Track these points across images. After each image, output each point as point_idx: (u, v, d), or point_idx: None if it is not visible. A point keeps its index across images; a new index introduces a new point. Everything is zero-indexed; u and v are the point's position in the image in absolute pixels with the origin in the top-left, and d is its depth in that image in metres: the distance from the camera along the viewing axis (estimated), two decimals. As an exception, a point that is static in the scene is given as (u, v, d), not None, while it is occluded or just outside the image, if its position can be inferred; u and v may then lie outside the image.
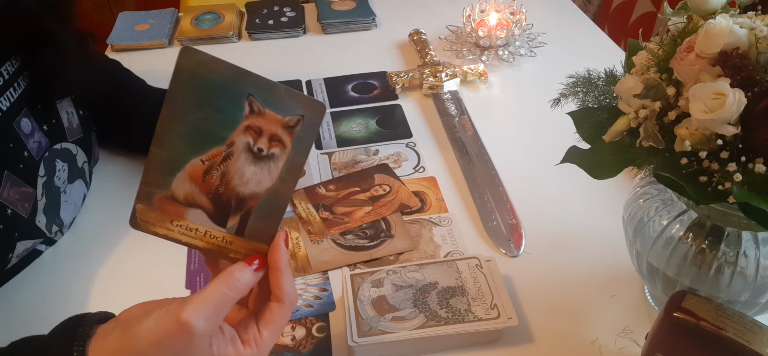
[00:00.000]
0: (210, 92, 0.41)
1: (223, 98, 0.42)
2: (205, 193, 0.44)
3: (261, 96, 0.42)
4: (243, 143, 0.43)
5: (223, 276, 0.42)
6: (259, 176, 0.44)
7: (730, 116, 0.41)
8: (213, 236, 0.45)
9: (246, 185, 0.44)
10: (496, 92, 1.01)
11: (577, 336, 0.60)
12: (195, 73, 0.41)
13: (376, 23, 1.23)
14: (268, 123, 0.43)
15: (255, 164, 0.43)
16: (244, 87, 0.42)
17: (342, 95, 1.01)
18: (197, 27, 1.19)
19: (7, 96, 0.63)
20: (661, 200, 0.56)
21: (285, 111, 0.42)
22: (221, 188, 0.44)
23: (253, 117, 0.42)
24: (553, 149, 0.57)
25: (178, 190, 0.43)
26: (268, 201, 0.44)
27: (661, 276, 0.56)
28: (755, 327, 0.46)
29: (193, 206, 0.44)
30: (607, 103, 0.53)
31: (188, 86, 0.41)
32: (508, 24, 1.09)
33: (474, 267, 0.63)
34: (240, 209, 0.44)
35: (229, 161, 0.43)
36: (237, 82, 0.41)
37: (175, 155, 0.43)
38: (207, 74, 0.41)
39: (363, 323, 0.57)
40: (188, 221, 0.44)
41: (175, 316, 0.39)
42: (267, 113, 0.42)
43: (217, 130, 0.42)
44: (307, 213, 0.75)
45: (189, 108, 0.42)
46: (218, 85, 0.41)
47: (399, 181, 0.80)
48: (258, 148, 0.43)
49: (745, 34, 0.43)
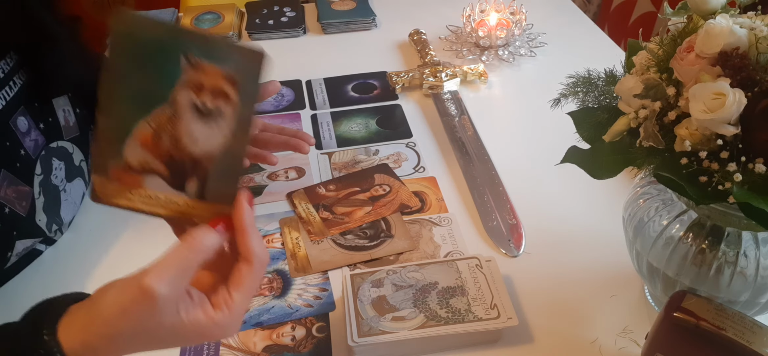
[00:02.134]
0: (147, 51, 0.41)
1: (160, 55, 0.41)
2: (159, 157, 0.43)
3: (199, 50, 0.41)
4: (187, 101, 0.42)
5: (185, 239, 0.41)
6: (208, 134, 0.42)
7: (730, 116, 0.41)
8: (174, 202, 0.44)
9: (196, 144, 0.43)
10: (496, 92, 1.01)
11: (577, 336, 0.60)
12: (130, 35, 0.41)
13: (376, 23, 1.23)
14: (208, 77, 0.42)
15: (203, 122, 0.42)
16: (181, 43, 0.41)
17: (342, 95, 1.01)
18: (197, 27, 1.19)
19: (3, 94, 0.63)
20: (661, 200, 0.56)
21: (225, 63, 0.41)
22: (173, 150, 0.43)
23: (191, 71, 0.41)
24: (553, 149, 0.57)
25: (131, 157, 0.43)
26: (223, 161, 0.43)
27: (661, 276, 0.56)
28: (755, 327, 0.46)
29: (149, 172, 0.43)
30: (607, 103, 0.53)
31: (125, 49, 0.41)
32: (508, 24, 1.09)
33: (474, 267, 0.63)
34: (196, 171, 0.43)
35: (177, 122, 0.42)
36: (173, 38, 0.41)
37: (121, 121, 0.42)
38: (142, 34, 0.41)
39: (363, 323, 0.57)
40: (147, 189, 0.43)
41: (136, 283, 0.39)
42: (206, 67, 0.41)
43: (158, 89, 0.42)
44: (307, 213, 0.75)
45: (128, 71, 0.41)
46: (154, 44, 0.41)
47: (399, 181, 0.80)
48: (202, 102, 0.42)
49: (745, 34, 0.43)
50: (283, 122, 0.93)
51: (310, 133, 0.90)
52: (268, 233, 0.73)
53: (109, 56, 0.41)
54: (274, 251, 0.70)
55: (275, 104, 0.98)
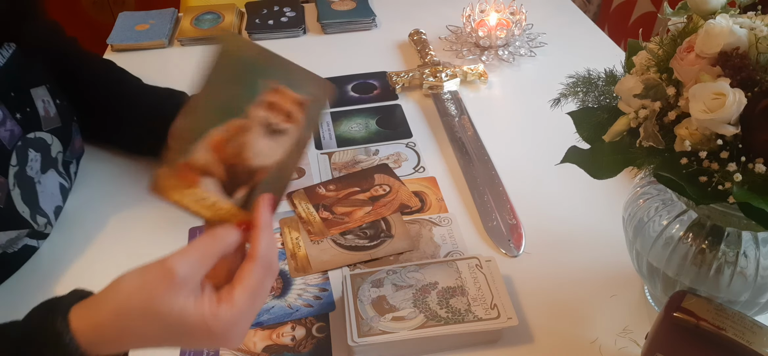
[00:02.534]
0: (240, 69, 0.47)
1: (249, 74, 0.47)
2: (222, 162, 0.47)
3: (282, 74, 0.47)
4: (260, 117, 0.47)
5: (209, 232, 0.44)
6: (270, 149, 0.47)
7: (730, 116, 0.41)
8: (219, 207, 0.47)
9: (257, 157, 0.47)
10: (496, 92, 1.01)
11: (577, 336, 0.60)
12: (231, 54, 0.47)
13: (376, 23, 1.23)
14: (283, 99, 0.47)
15: (268, 138, 0.47)
16: (269, 66, 0.47)
17: (342, 95, 1.01)
18: (197, 27, 1.19)
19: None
20: (661, 200, 0.56)
21: (299, 89, 0.47)
22: (236, 159, 0.47)
23: (270, 93, 0.47)
24: (553, 149, 0.57)
25: (198, 157, 0.47)
26: (274, 175, 0.47)
27: (661, 276, 0.56)
28: (755, 327, 0.46)
29: (209, 175, 0.47)
30: (607, 103, 0.53)
31: (223, 64, 0.47)
32: (508, 24, 1.09)
33: (474, 267, 0.63)
34: (249, 181, 0.47)
35: (246, 134, 0.47)
36: (264, 61, 0.47)
37: (200, 124, 0.47)
38: (241, 54, 0.48)
39: (363, 323, 0.57)
40: (201, 189, 0.47)
41: (159, 263, 0.41)
42: (283, 90, 0.47)
43: (238, 103, 0.47)
44: (307, 213, 0.75)
45: (220, 82, 0.47)
46: (248, 64, 0.47)
47: (399, 181, 0.80)
48: (274, 121, 0.47)
49: (745, 34, 0.43)
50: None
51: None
52: (268, 233, 0.73)
53: (209, 68, 0.47)
54: (274, 251, 0.70)
55: (275, 104, 0.98)
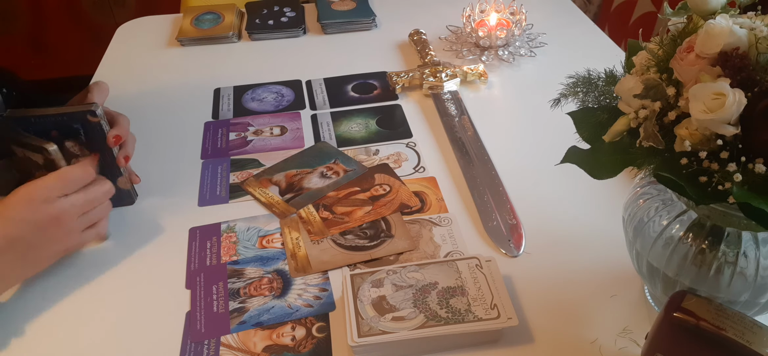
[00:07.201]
0: (326, 150, 0.80)
1: (328, 150, 0.75)
2: (287, 180, 0.79)
3: (341, 156, 0.83)
4: (320, 171, 0.81)
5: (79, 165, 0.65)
6: (315, 183, 0.79)
7: (730, 116, 0.41)
8: (272, 199, 0.77)
9: (308, 184, 0.79)
10: (496, 92, 1.01)
11: (577, 336, 0.60)
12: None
13: (376, 23, 1.23)
14: (336, 165, 0.82)
15: (318, 178, 0.81)
16: (335, 149, 0.78)
17: (342, 95, 1.01)
18: (197, 27, 1.19)
19: None
20: (661, 200, 0.56)
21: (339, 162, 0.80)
22: (297, 183, 0.79)
23: (332, 163, 0.83)
24: (553, 149, 0.57)
25: (277, 177, 0.80)
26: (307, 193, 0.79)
27: (661, 276, 0.56)
28: (755, 327, 0.46)
29: (276, 185, 0.78)
30: (607, 103, 0.53)
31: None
32: (508, 24, 1.09)
33: (474, 267, 0.63)
34: (297, 192, 0.77)
35: (306, 175, 0.80)
36: (334, 150, 0.80)
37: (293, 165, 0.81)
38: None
39: (363, 323, 0.57)
40: (268, 190, 0.77)
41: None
42: (338, 164, 0.84)
43: (314, 162, 0.83)
44: (307, 213, 0.75)
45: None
46: (328, 148, 0.81)
47: (399, 181, 0.80)
48: (326, 174, 0.81)
49: (745, 35, 0.43)
50: (284, 122, 0.93)
51: (310, 133, 0.91)
52: (268, 233, 0.73)
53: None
54: (274, 251, 0.70)
55: (275, 104, 0.98)
